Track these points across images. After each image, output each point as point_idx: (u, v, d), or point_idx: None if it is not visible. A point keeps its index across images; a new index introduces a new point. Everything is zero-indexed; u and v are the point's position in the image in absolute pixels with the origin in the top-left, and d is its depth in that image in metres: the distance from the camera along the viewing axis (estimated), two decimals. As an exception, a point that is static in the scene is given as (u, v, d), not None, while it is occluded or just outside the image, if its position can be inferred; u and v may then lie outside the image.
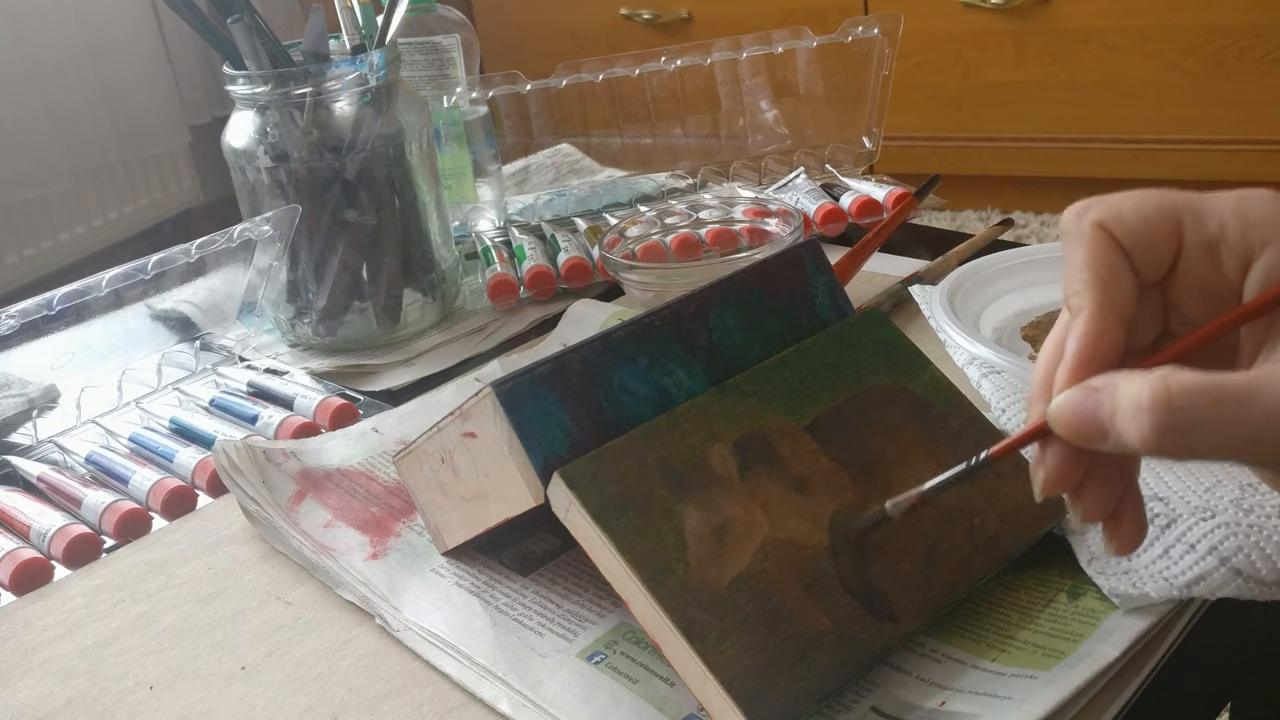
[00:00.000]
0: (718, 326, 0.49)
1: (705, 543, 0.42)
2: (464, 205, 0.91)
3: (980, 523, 0.46)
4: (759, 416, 0.46)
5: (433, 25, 0.91)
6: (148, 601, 0.54)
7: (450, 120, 0.89)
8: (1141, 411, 0.32)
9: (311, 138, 0.73)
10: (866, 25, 0.93)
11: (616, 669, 0.45)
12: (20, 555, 0.57)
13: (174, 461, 0.65)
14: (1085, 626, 0.43)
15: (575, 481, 0.42)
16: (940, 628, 0.45)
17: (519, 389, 0.43)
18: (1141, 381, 0.33)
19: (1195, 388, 0.32)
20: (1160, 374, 0.32)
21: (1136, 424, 0.32)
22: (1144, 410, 0.32)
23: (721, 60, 0.96)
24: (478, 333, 0.79)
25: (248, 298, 0.77)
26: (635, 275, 0.74)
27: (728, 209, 0.81)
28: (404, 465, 0.52)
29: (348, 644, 0.49)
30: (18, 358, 0.66)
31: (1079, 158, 2.18)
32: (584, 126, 0.99)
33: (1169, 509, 0.46)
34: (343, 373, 0.75)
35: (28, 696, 0.49)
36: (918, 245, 0.83)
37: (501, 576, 0.51)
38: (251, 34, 0.71)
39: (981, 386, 0.58)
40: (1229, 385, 0.32)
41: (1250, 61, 2.00)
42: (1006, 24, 2.17)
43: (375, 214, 0.75)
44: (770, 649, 0.40)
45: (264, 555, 0.56)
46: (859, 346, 0.50)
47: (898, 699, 0.42)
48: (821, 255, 0.52)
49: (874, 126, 0.96)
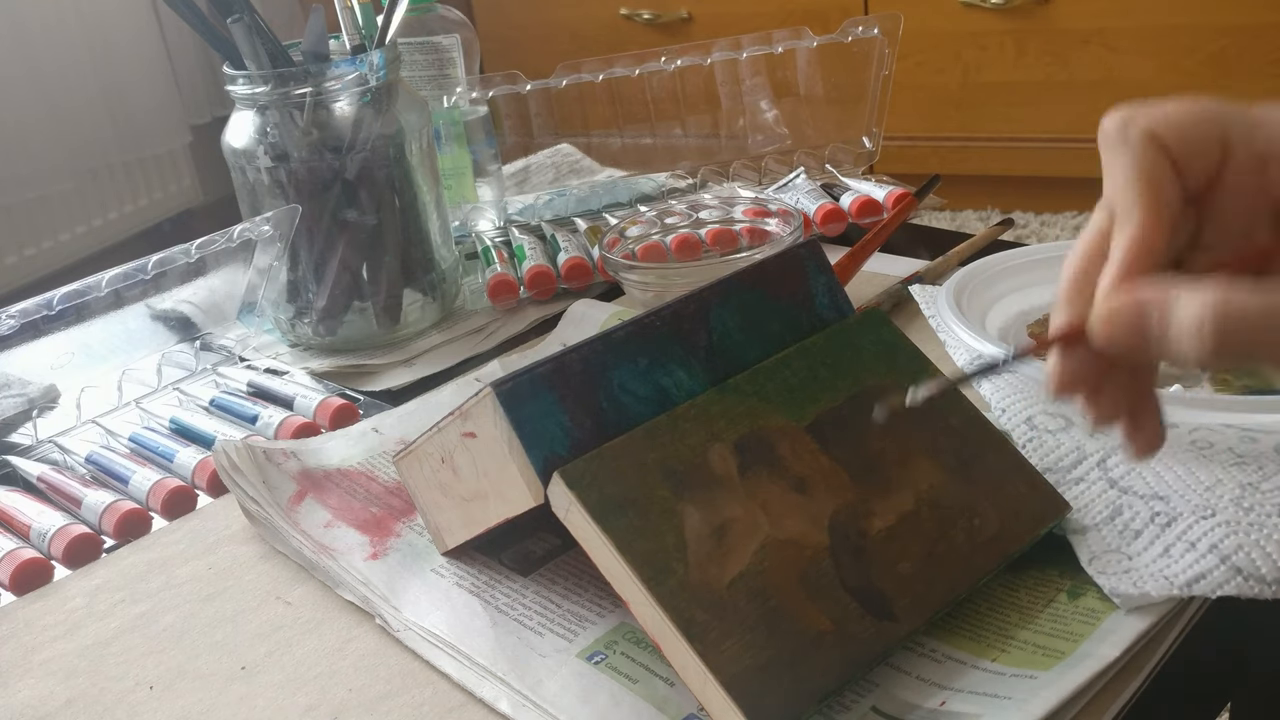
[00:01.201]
0: (718, 326, 0.48)
1: (705, 543, 0.42)
2: (464, 205, 0.91)
3: (980, 523, 0.46)
4: (759, 416, 0.46)
5: (433, 25, 0.91)
6: (148, 601, 0.54)
7: (450, 120, 0.89)
8: (1203, 333, 0.32)
9: (311, 138, 0.73)
10: (866, 25, 0.93)
11: (616, 669, 0.45)
12: (20, 555, 0.57)
13: (174, 461, 0.65)
14: (1085, 626, 0.43)
15: (575, 481, 0.42)
16: (940, 628, 0.45)
17: (519, 389, 0.43)
18: (1199, 298, 0.32)
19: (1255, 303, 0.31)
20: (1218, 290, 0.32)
21: (1197, 342, 0.32)
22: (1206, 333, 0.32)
23: (721, 60, 0.96)
24: (478, 333, 0.79)
25: (248, 298, 0.77)
26: (635, 275, 0.74)
27: (728, 209, 0.81)
28: (404, 465, 0.52)
29: (348, 644, 0.49)
30: (18, 358, 0.66)
31: (1079, 158, 2.18)
32: (584, 126, 0.99)
33: (1169, 507, 0.46)
34: (343, 373, 0.75)
35: (28, 696, 0.49)
36: (918, 245, 0.83)
37: (501, 576, 0.51)
38: (251, 34, 0.71)
39: (981, 386, 0.58)
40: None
41: (1250, 61, 2.00)
42: (1006, 24, 2.17)
43: (375, 214, 0.75)
44: (770, 649, 0.40)
45: (264, 555, 0.56)
46: (859, 346, 0.50)
47: (898, 699, 0.42)
48: (821, 255, 0.52)
49: (874, 126, 0.96)
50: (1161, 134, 0.35)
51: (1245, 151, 0.35)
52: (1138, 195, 0.35)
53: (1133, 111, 0.36)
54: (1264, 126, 0.35)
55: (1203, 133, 0.35)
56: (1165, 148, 0.35)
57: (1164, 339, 0.33)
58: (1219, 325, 0.32)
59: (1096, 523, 0.47)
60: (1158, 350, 0.33)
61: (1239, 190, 0.35)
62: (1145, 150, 0.35)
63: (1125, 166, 0.35)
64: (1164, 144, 0.35)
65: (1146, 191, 0.35)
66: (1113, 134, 0.36)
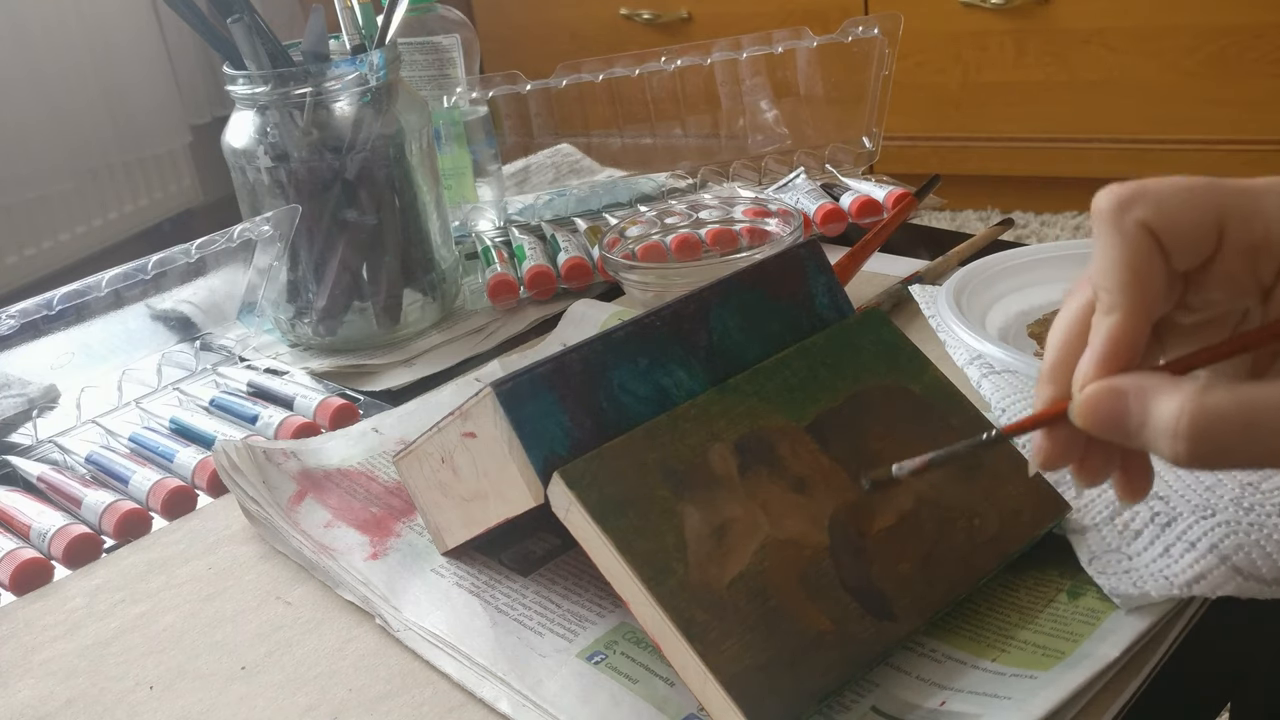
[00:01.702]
0: (718, 326, 0.48)
1: (705, 543, 0.42)
2: (464, 205, 0.91)
3: (980, 523, 0.46)
4: (759, 416, 0.46)
5: (433, 25, 0.91)
6: (148, 601, 0.54)
7: (450, 120, 0.89)
8: (1179, 436, 0.32)
9: (311, 138, 0.73)
10: (866, 25, 0.93)
11: (616, 669, 0.45)
12: (20, 555, 0.57)
13: (174, 461, 0.65)
14: (1085, 626, 0.43)
15: (575, 481, 0.42)
16: (940, 628, 0.45)
17: (519, 389, 0.43)
18: (1175, 401, 0.33)
19: (1230, 409, 0.32)
20: (1194, 395, 0.32)
21: (1171, 444, 0.33)
22: (1181, 436, 0.32)
23: (721, 60, 0.96)
24: (478, 333, 0.79)
25: (248, 298, 0.77)
26: (635, 275, 0.74)
27: (728, 209, 0.81)
28: (404, 465, 0.52)
29: (348, 644, 0.49)
30: (18, 358, 0.66)
31: (1079, 158, 2.18)
32: (584, 126, 0.99)
33: (1169, 507, 0.46)
34: (343, 373, 0.75)
35: (28, 696, 0.49)
36: (918, 245, 0.83)
37: (501, 576, 0.51)
38: (251, 34, 0.71)
39: (981, 386, 0.58)
40: (1263, 402, 0.32)
41: (1250, 61, 2.00)
42: (1006, 24, 2.17)
43: (375, 214, 0.75)
44: (770, 649, 0.40)
45: (264, 555, 0.56)
46: (859, 346, 0.50)
47: (898, 699, 0.42)
48: (821, 255, 0.52)
49: (874, 126, 0.96)
50: (1155, 224, 0.35)
51: (1241, 239, 0.35)
52: (1123, 288, 0.35)
53: (1129, 194, 0.35)
54: (1261, 216, 0.34)
55: (1198, 220, 0.35)
56: (1157, 239, 0.35)
57: (1141, 436, 0.34)
58: (1194, 430, 0.32)
59: (1096, 523, 0.47)
60: (1135, 443, 0.34)
61: (1229, 273, 0.35)
62: (1137, 242, 0.35)
63: (1114, 255, 0.35)
64: (1156, 235, 0.35)
65: (1133, 285, 0.35)
66: (1106, 216, 0.35)
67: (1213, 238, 0.35)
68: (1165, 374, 0.34)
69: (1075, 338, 0.37)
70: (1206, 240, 0.35)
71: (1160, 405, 0.33)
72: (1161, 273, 0.35)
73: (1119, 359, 0.35)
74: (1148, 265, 0.35)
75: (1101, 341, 0.35)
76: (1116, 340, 0.35)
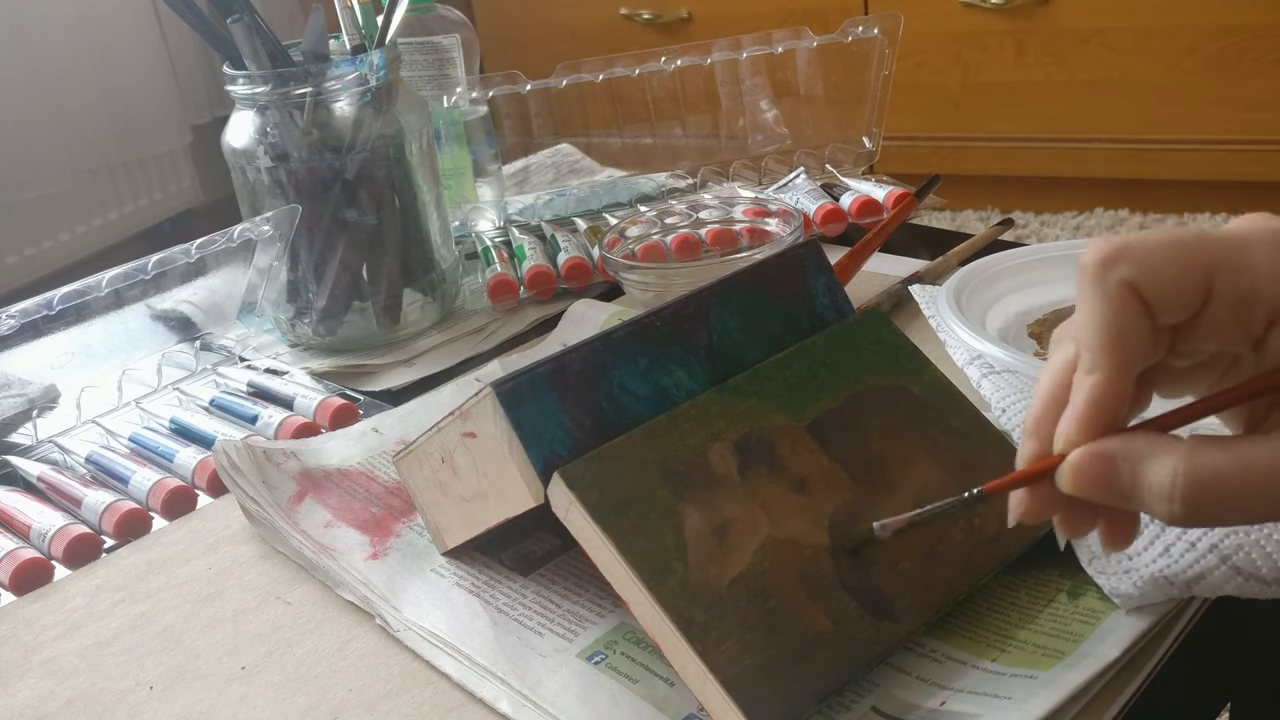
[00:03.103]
0: (718, 326, 0.48)
1: (705, 543, 0.42)
2: (464, 205, 0.91)
3: (980, 523, 0.46)
4: (759, 416, 0.46)
5: (433, 25, 0.91)
6: (148, 601, 0.54)
7: (450, 120, 0.89)
8: (1174, 500, 0.32)
9: (311, 138, 0.73)
10: (866, 25, 0.93)
11: (616, 669, 0.45)
12: (20, 555, 0.57)
13: (174, 461, 0.65)
14: (1085, 626, 0.43)
15: (575, 481, 0.42)
16: (940, 628, 0.45)
17: (519, 389, 0.43)
18: (1168, 463, 0.33)
19: (1227, 470, 0.32)
20: (1186, 455, 0.32)
21: (1168, 507, 0.33)
22: (1177, 500, 0.32)
23: (721, 60, 0.96)
24: (478, 333, 0.79)
25: (248, 298, 0.77)
26: (635, 275, 0.74)
27: (728, 209, 0.81)
28: (404, 465, 0.52)
29: (348, 644, 0.49)
30: (18, 358, 0.66)
31: (1079, 158, 2.18)
32: (584, 126, 0.99)
33: (1169, 509, 0.46)
34: (343, 373, 0.75)
35: (28, 696, 0.49)
36: (918, 245, 0.83)
37: (501, 576, 0.51)
38: (251, 34, 0.71)
39: (981, 386, 0.58)
40: (1257, 462, 0.32)
41: (1250, 61, 2.00)
42: (1006, 24, 2.17)
43: (375, 214, 0.75)
44: (770, 649, 0.40)
45: (264, 555, 0.56)
46: (859, 346, 0.50)
47: (898, 699, 0.42)
48: (821, 255, 0.52)
49: (874, 126, 0.96)
50: (1139, 283, 0.34)
51: (1229, 293, 0.34)
52: (1105, 349, 0.34)
53: (1113, 251, 0.34)
54: (1249, 269, 0.33)
55: (1183, 276, 0.34)
56: (1141, 297, 0.34)
57: (1133, 499, 0.34)
58: (1189, 493, 0.32)
59: (1096, 523, 0.47)
60: (1128, 506, 0.34)
61: (1218, 326, 0.35)
62: (1120, 302, 0.34)
63: (1097, 315, 0.34)
64: (1141, 293, 0.34)
65: (1115, 346, 0.34)
66: (1090, 273, 0.34)
67: (1200, 293, 0.34)
68: (1153, 433, 0.34)
69: (1059, 391, 0.36)
70: (1193, 296, 0.34)
71: (1152, 468, 0.33)
72: (1145, 332, 0.34)
73: (1100, 420, 0.35)
74: (1130, 326, 0.34)
75: (1083, 402, 0.35)
76: (1097, 401, 0.35)
